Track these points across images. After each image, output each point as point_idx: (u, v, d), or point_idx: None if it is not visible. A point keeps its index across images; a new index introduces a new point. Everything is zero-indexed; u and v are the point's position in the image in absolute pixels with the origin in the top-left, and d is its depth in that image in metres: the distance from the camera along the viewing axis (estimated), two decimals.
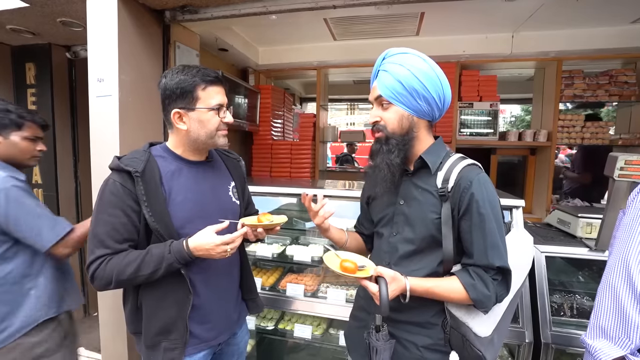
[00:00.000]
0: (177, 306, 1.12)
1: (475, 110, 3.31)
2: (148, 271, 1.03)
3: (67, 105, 2.84)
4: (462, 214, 0.99)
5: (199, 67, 1.12)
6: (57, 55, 2.71)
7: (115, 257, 1.04)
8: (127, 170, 1.05)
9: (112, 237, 1.05)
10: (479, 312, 1.00)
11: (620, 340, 0.76)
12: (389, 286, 0.94)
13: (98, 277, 1.04)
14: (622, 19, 2.67)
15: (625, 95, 3.12)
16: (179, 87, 1.08)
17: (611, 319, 0.78)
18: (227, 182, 1.29)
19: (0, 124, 1.35)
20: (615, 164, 1.47)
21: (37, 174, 2.78)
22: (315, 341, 2.07)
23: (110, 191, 1.06)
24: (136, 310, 1.16)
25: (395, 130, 1.03)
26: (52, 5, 1.95)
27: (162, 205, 1.07)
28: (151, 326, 1.12)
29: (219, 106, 1.12)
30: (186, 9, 2.10)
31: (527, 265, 1.13)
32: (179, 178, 1.14)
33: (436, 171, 1.04)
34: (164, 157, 1.16)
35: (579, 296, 1.82)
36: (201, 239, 1.04)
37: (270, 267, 2.25)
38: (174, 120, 1.11)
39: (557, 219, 2.02)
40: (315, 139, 3.78)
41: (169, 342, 1.11)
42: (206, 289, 1.18)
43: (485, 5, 2.42)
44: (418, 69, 0.99)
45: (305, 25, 2.89)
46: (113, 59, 1.85)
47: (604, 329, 0.79)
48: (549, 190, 3.24)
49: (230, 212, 1.23)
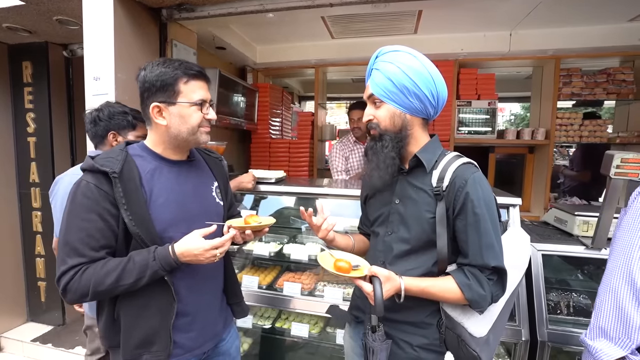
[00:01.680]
0: (160, 315, 1.04)
1: (473, 108, 3.30)
2: (130, 280, 0.95)
3: (64, 104, 2.84)
4: (457, 213, 0.98)
5: (181, 60, 1.07)
6: (54, 53, 2.71)
7: (91, 267, 0.95)
8: (103, 171, 0.97)
9: (88, 244, 0.95)
10: (475, 312, 1.00)
11: (620, 341, 0.76)
12: (384, 286, 0.93)
13: (71, 289, 0.94)
14: (620, 16, 2.66)
15: (623, 94, 3.12)
16: (159, 80, 1.02)
17: (612, 319, 0.78)
18: (210, 182, 1.23)
19: (120, 125, 1.51)
20: (611, 162, 1.47)
21: (35, 173, 2.78)
22: (313, 339, 2.07)
23: (83, 194, 0.97)
24: (112, 322, 1.06)
25: (387, 128, 1.03)
26: (48, 3, 1.95)
27: (142, 208, 1.00)
28: (131, 338, 1.03)
29: (201, 101, 1.06)
30: (183, 7, 2.09)
31: (524, 265, 1.12)
32: (160, 178, 1.07)
33: (431, 170, 1.03)
34: (143, 156, 1.08)
35: (576, 294, 1.82)
36: (189, 244, 0.98)
37: (267, 265, 2.25)
38: (152, 115, 1.04)
39: (554, 217, 2.02)
40: (313, 138, 3.78)
41: (150, 355, 1.03)
42: (191, 295, 1.11)
43: (483, 4, 2.41)
44: (408, 66, 0.98)
45: (303, 23, 2.88)
46: (109, 58, 1.84)
47: (604, 330, 0.78)
48: (547, 188, 3.24)
49: (214, 214, 1.18)
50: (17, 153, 2.81)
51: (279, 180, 2.11)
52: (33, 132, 2.75)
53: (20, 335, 2.75)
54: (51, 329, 2.85)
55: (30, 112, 2.73)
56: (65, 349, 2.59)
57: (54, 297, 2.87)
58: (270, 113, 3.73)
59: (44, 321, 2.92)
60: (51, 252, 2.81)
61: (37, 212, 2.81)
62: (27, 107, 2.74)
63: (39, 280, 2.87)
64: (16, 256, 2.86)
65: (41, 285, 2.88)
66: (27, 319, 2.95)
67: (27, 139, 2.76)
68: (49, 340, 2.69)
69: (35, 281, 2.88)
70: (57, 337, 2.74)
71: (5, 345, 2.75)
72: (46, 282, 2.87)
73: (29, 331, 2.82)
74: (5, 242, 2.78)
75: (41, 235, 2.83)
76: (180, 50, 2.35)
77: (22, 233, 2.87)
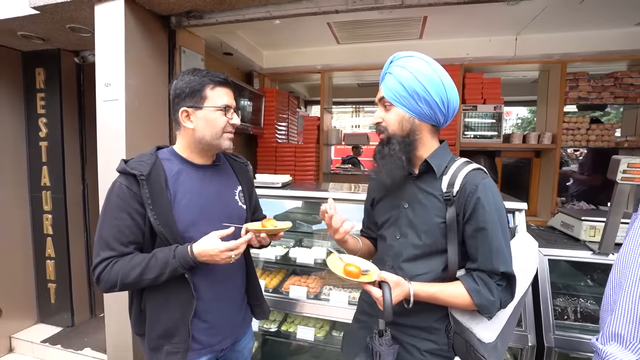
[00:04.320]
0: (180, 310, 1.12)
1: (479, 112, 3.30)
2: (152, 275, 1.04)
3: (75, 109, 2.89)
4: (467, 218, 0.98)
5: (208, 70, 1.15)
6: (66, 60, 2.76)
7: (120, 260, 1.05)
8: (133, 174, 1.06)
9: (118, 239, 1.06)
10: (483, 317, 0.99)
11: (632, 345, 0.76)
12: (393, 291, 0.93)
13: (103, 279, 1.05)
14: (627, 21, 2.66)
15: (631, 98, 3.11)
16: (188, 86, 1.10)
17: (625, 324, 0.78)
18: (233, 186, 1.28)
19: None
20: (618, 166, 1.46)
21: (46, 177, 2.84)
22: (319, 343, 2.08)
23: (117, 194, 1.07)
24: (140, 312, 1.16)
25: (395, 132, 1.04)
26: (62, 12, 2.00)
27: (167, 209, 1.08)
28: (154, 329, 1.13)
29: (225, 106, 1.14)
30: (192, 14, 2.13)
31: (532, 271, 1.11)
32: (184, 181, 1.15)
33: (441, 175, 1.04)
34: (170, 159, 1.17)
35: (583, 300, 1.80)
36: (205, 245, 1.04)
37: (273, 269, 2.26)
38: (181, 119, 1.13)
39: (560, 222, 2.01)
40: (319, 142, 3.80)
41: (171, 346, 1.12)
42: (210, 294, 1.17)
43: (487, 9, 2.42)
44: (420, 72, 0.99)
45: (309, 29, 2.91)
46: (120, 64, 1.89)
47: (616, 334, 0.78)
48: (554, 193, 3.22)
49: (236, 217, 1.23)
50: (29, 157, 2.86)
51: (285, 184, 2.14)
52: (45, 137, 2.81)
53: (31, 336, 2.79)
54: (60, 330, 2.89)
55: (43, 117, 2.79)
56: (74, 350, 2.62)
57: (64, 299, 2.91)
58: (276, 117, 3.77)
59: (53, 322, 2.95)
60: (61, 255, 2.87)
61: (48, 215, 2.86)
62: (39, 112, 2.79)
63: (49, 282, 2.92)
64: (27, 258, 2.90)
65: (51, 287, 2.92)
66: (37, 320, 2.99)
67: (39, 143, 2.82)
68: (58, 342, 2.72)
69: (45, 283, 2.93)
70: (66, 338, 2.78)
71: (15, 345, 2.79)
72: (56, 284, 2.91)
73: (39, 332, 2.86)
74: (16, 244, 2.83)
75: (51, 237, 2.87)
76: (188, 56, 2.39)
77: (33, 235, 2.92)
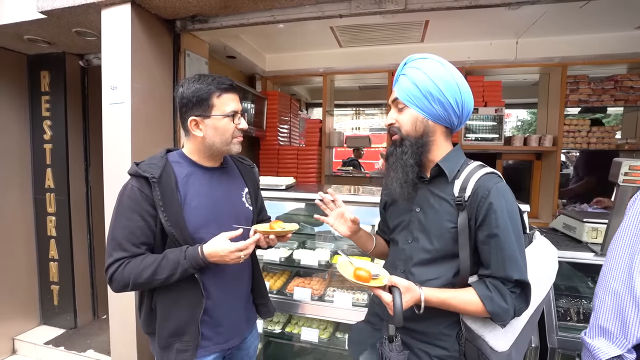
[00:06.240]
0: (190, 309, 1.14)
1: (480, 115, 3.32)
2: (164, 275, 1.06)
3: (79, 112, 2.91)
4: (479, 224, 0.96)
5: (213, 75, 1.16)
6: (70, 63, 2.78)
7: (132, 261, 1.07)
8: (145, 176, 1.09)
9: (130, 240, 1.08)
10: (496, 325, 0.97)
11: (617, 340, 0.79)
12: (403, 296, 0.91)
13: (116, 279, 1.07)
14: (627, 24, 2.68)
15: (631, 100, 3.13)
16: (195, 96, 1.12)
17: (611, 319, 0.81)
18: (240, 187, 1.31)
19: None
20: (619, 169, 1.48)
21: (50, 179, 2.85)
22: (322, 345, 2.08)
23: (129, 196, 1.10)
24: (150, 311, 1.19)
25: (409, 133, 1.03)
26: (69, 17, 2.02)
27: (177, 210, 1.11)
28: (164, 328, 1.16)
29: (233, 113, 1.16)
30: (196, 18, 2.16)
31: (551, 279, 1.07)
32: (194, 183, 1.17)
33: (453, 179, 1.02)
34: (180, 162, 1.19)
35: (585, 301, 1.81)
36: (215, 246, 1.07)
37: (277, 270, 2.27)
38: (190, 128, 1.15)
39: (562, 224, 2.02)
40: (321, 144, 3.82)
41: (181, 344, 1.14)
42: (218, 293, 1.20)
43: (489, 13, 2.44)
44: (434, 73, 0.99)
45: (312, 33, 2.94)
46: (126, 68, 1.91)
47: (603, 329, 0.81)
48: (555, 195, 3.23)
49: (243, 218, 1.26)
50: (34, 159, 2.88)
51: (288, 186, 2.15)
52: (49, 139, 2.82)
53: (34, 338, 2.79)
54: (63, 332, 2.89)
55: (47, 120, 2.81)
56: (77, 352, 2.63)
57: (67, 301, 2.92)
58: (278, 120, 3.79)
59: (56, 324, 2.96)
60: (65, 257, 2.88)
61: (52, 217, 2.87)
62: (44, 115, 2.81)
63: (52, 284, 2.93)
64: (30, 260, 2.92)
65: (54, 289, 2.93)
66: (40, 322, 2.99)
67: (43, 145, 2.84)
68: (61, 344, 2.73)
69: (48, 285, 2.94)
70: (69, 340, 2.78)
71: (19, 347, 2.80)
72: (59, 286, 2.92)
73: (41, 334, 2.87)
74: (20, 246, 2.84)
75: (55, 239, 2.88)
76: (192, 59, 2.42)
77: (36, 237, 2.93)
